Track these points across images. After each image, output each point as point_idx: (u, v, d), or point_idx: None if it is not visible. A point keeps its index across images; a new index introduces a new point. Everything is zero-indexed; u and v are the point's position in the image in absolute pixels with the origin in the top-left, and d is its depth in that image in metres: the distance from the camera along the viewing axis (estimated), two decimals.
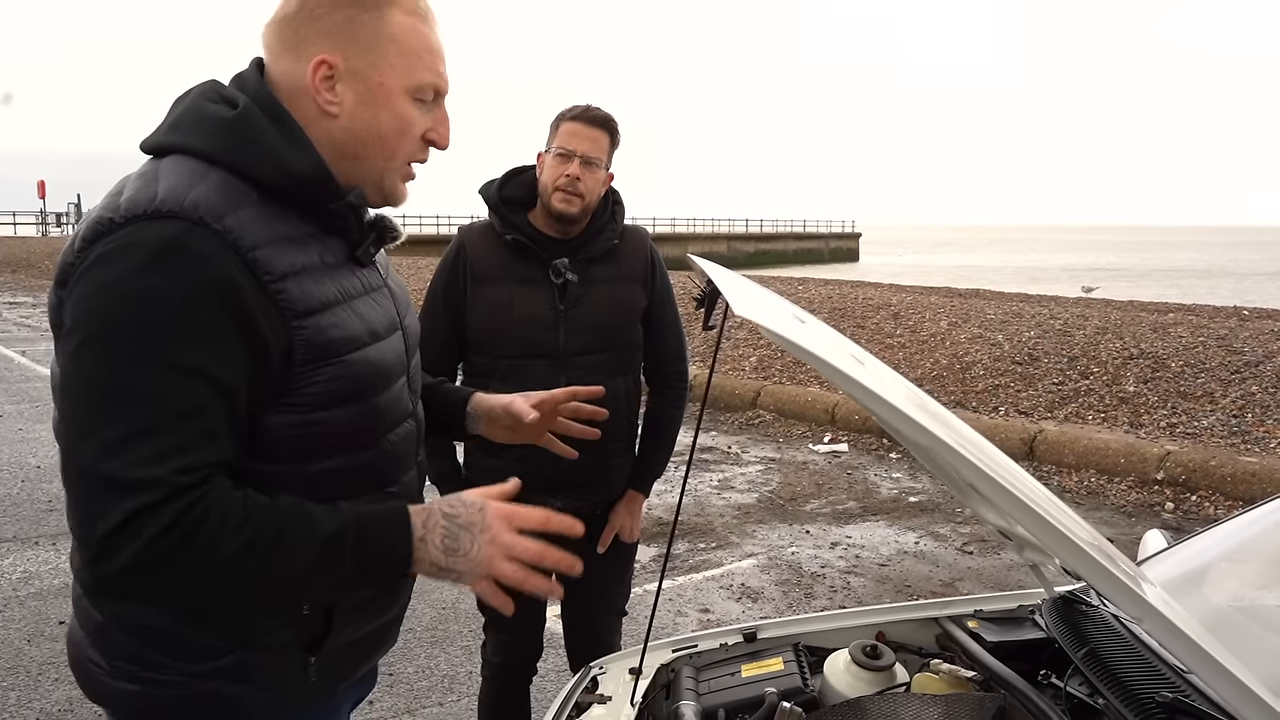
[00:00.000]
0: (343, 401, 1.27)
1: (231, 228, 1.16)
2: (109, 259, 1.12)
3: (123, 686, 1.28)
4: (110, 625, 1.28)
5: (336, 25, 1.24)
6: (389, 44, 1.26)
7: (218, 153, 1.21)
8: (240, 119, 1.23)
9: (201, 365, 1.13)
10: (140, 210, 1.14)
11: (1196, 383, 7.75)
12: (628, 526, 2.52)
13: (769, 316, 1.16)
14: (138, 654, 1.27)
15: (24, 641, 3.93)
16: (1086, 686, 1.58)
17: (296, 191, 1.25)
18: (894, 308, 11.69)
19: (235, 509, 1.13)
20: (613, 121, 2.38)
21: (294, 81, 1.26)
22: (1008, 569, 4.99)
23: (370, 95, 1.27)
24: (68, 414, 1.14)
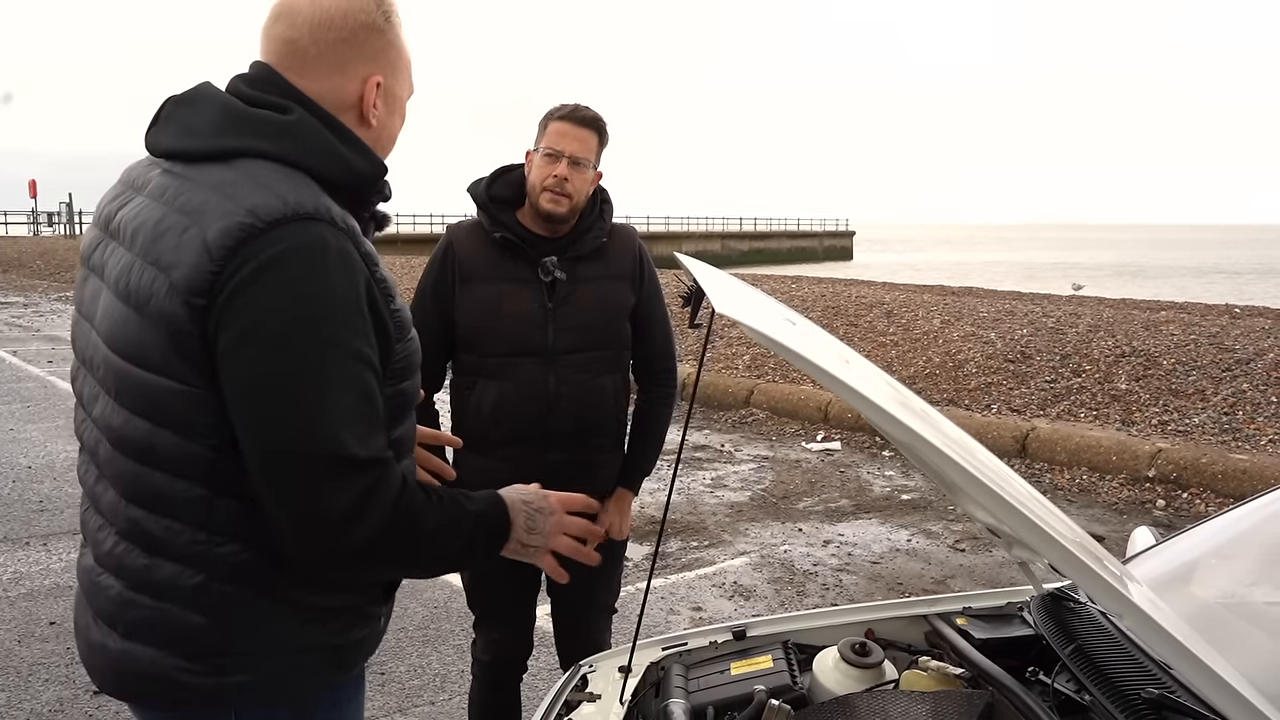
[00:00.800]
0: (410, 374, 1.41)
1: (351, 226, 1.29)
2: (276, 264, 1.20)
3: (224, 681, 1.32)
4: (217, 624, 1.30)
5: (381, 49, 1.39)
6: (403, 60, 1.44)
7: (290, 156, 1.29)
8: (302, 124, 1.32)
9: (367, 354, 1.26)
10: (279, 214, 1.22)
11: (1188, 380, 7.78)
12: (617, 524, 2.52)
13: (752, 315, 1.16)
14: (243, 644, 1.32)
15: (14, 642, 3.92)
16: (1074, 683, 1.59)
17: (356, 187, 1.36)
18: (887, 306, 11.71)
19: (420, 491, 1.31)
20: (601, 121, 2.38)
21: (339, 98, 1.38)
22: (999, 566, 5.00)
23: (395, 105, 1.44)
24: (270, 407, 1.21)
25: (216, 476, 1.26)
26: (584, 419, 2.39)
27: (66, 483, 6.19)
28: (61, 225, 42.68)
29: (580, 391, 2.37)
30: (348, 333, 1.23)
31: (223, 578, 1.30)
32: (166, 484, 1.28)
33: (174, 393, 1.24)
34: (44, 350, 12.13)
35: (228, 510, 1.28)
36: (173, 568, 1.29)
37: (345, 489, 1.21)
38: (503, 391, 2.35)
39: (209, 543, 1.29)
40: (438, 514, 1.31)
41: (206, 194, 1.25)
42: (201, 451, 1.26)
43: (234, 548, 1.29)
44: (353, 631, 1.41)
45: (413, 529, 1.27)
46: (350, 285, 1.24)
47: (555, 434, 2.36)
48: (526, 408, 2.35)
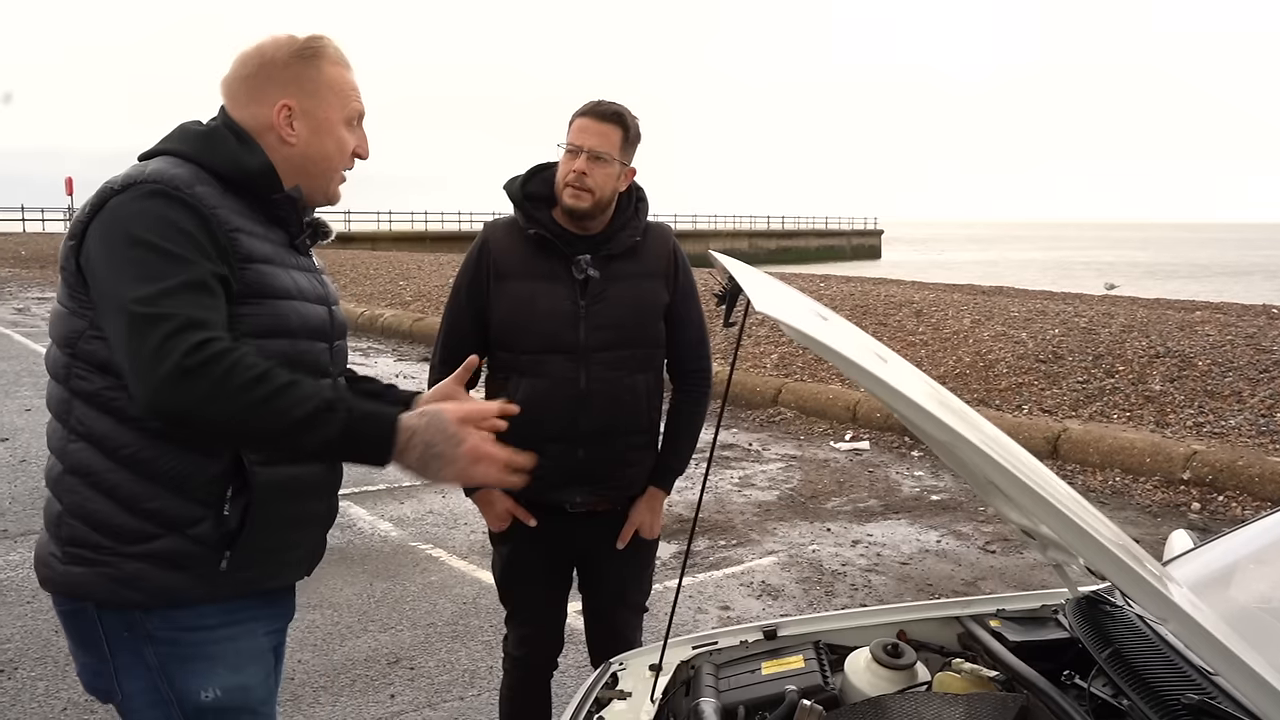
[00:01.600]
0: (272, 335, 1.61)
1: (199, 194, 1.56)
2: (118, 205, 1.52)
3: (70, 570, 1.59)
4: (68, 514, 1.58)
5: (290, 79, 1.68)
6: (326, 89, 1.70)
7: (190, 153, 1.62)
8: (210, 131, 1.67)
9: (192, 259, 1.49)
10: (134, 180, 1.55)
11: (1224, 381, 7.66)
12: (648, 523, 2.52)
13: (791, 313, 1.16)
14: (85, 538, 1.57)
15: (52, 632, 3.98)
16: (1111, 687, 1.57)
17: (247, 183, 1.63)
18: (916, 305, 11.63)
19: (251, 352, 1.46)
20: (624, 115, 2.36)
21: (260, 121, 1.68)
22: (1030, 568, 4.96)
23: (319, 128, 1.70)
24: (111, 293, 1.47)
25: (73, 380, 1.57)
26: (615, 417, 2.39)
27: None
28: None
29: (611, 389, 2.37)
30: (177, 240, 1.49)
31: (72, 471, 1.58)
32: (51, 387, 1.63)
33: (60, 315, 1.60)
34: None
35: (80, 411, 1.57)
36: (50, 460, 1.64)
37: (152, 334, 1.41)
38: (535, 388, 2.35)
39: (65, 438, 1.60)
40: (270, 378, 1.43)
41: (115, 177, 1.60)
42: (64, 358, 1.58)
43: (80, 445, 1.57)
44: (182, 563, 1.58)
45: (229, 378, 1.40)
46: (180, 216, 1.51)
47: (586, 431, 2.37)
48: (557, 405, 2.35)
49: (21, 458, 6.70)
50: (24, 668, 3.69)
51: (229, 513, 1.59)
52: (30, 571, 4.59)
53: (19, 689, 3.53)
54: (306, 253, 1.78)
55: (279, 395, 1.42)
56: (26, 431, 7.44)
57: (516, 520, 2.47)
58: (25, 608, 4.23)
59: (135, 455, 1.55)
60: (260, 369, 1.43)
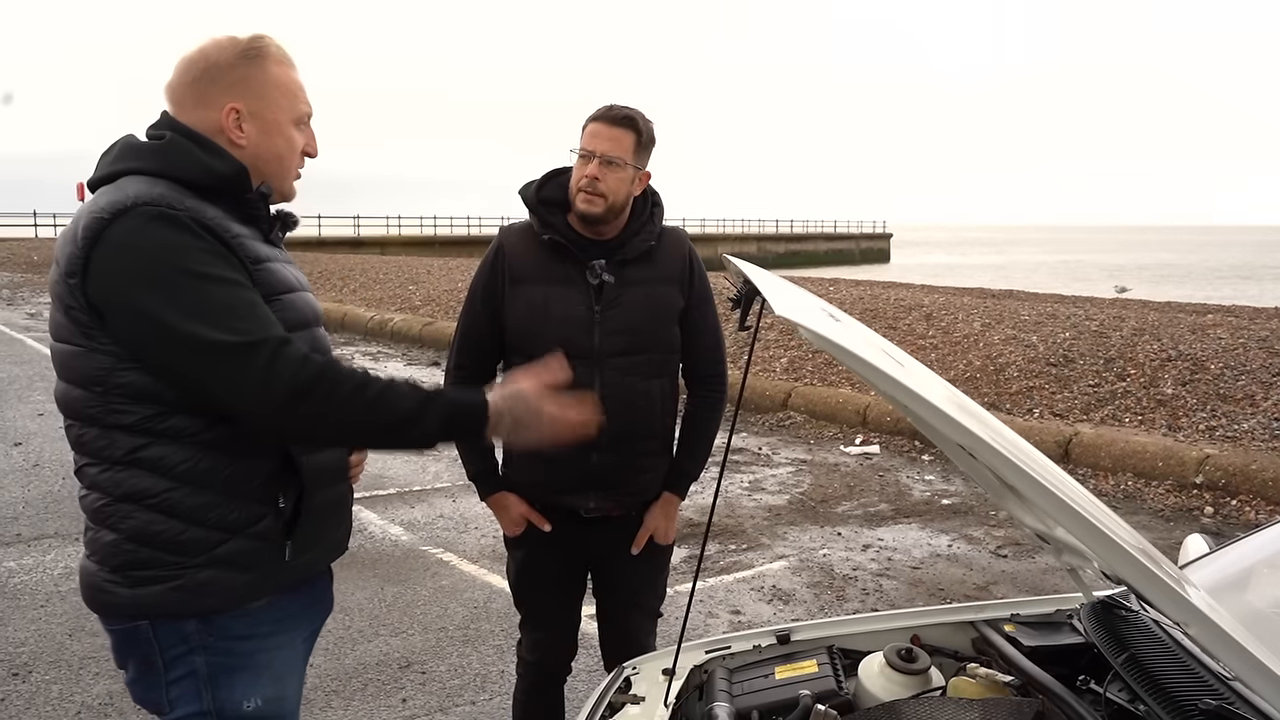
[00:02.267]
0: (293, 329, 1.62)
1: (191, 207, 1.56)
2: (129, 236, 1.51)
3: (138, 592, 1.60)
4: (126, 540, 1.59)
5: (236, 81, 1.67)
6: (274, 89, 1.70)
7: (159, 169, 1.60)
8: (169, 143, 1.63)
9: (234, 278, 1.54)
10: (122, 206, 1.52)
11: (1237, 385, 7.63)
12: (662, 529, 2.52)
13: (809, 316, 1.16)
14: (150, 559, 1.59)
15: (65, 636, 4.00)
16: (1126, 692, 1.56)
17: (221, 187, 1.63)
18: (926, 309, 11.60)
19: (333, 359, 1.57)
20: (636, 120, 2.36)
21: (209, 124, 1.67)
22: (1043, 573, 4.94)
23: (267, 128, 1.70)
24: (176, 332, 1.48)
25: (107, 416, 1.56)
26: (629, 422, 2.38)
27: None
28: None
29: (625, 394, 2.37)
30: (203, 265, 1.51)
31: (122, 499, 1.59)
32: (82, 430, 1.61)
33: (71, 354, 1.58)
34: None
35: (118, 444, 1.57)
36: (92, 496, 1.63)
37: (253, 361, 1.47)
38: None
39: (112, 470, 1.59)
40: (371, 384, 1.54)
41: (88, 204, 1.58)
42: (93, 397, 1.57)
43: (126, 474, 1.58)
44: (247, 562, 1.64)
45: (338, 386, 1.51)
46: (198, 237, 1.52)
47: (599, 436, 2.36)
48: None
49: (35, 462, 6.73)
50: (38, 671, 3.70)
51: (284, 505, 1.67)
52: (43, 575, 4.63)
53: (33, 692, 3.54)
54: (280, 245, 1.81)
55: (383, 397, 1.54)
56: (40, 436, 7.47)
57: (531, 525, 2.47)
58: (39, 611, 4.25)
59: (192, 469, 1.58)
60: (357, 375, 1.54)
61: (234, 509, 1.62)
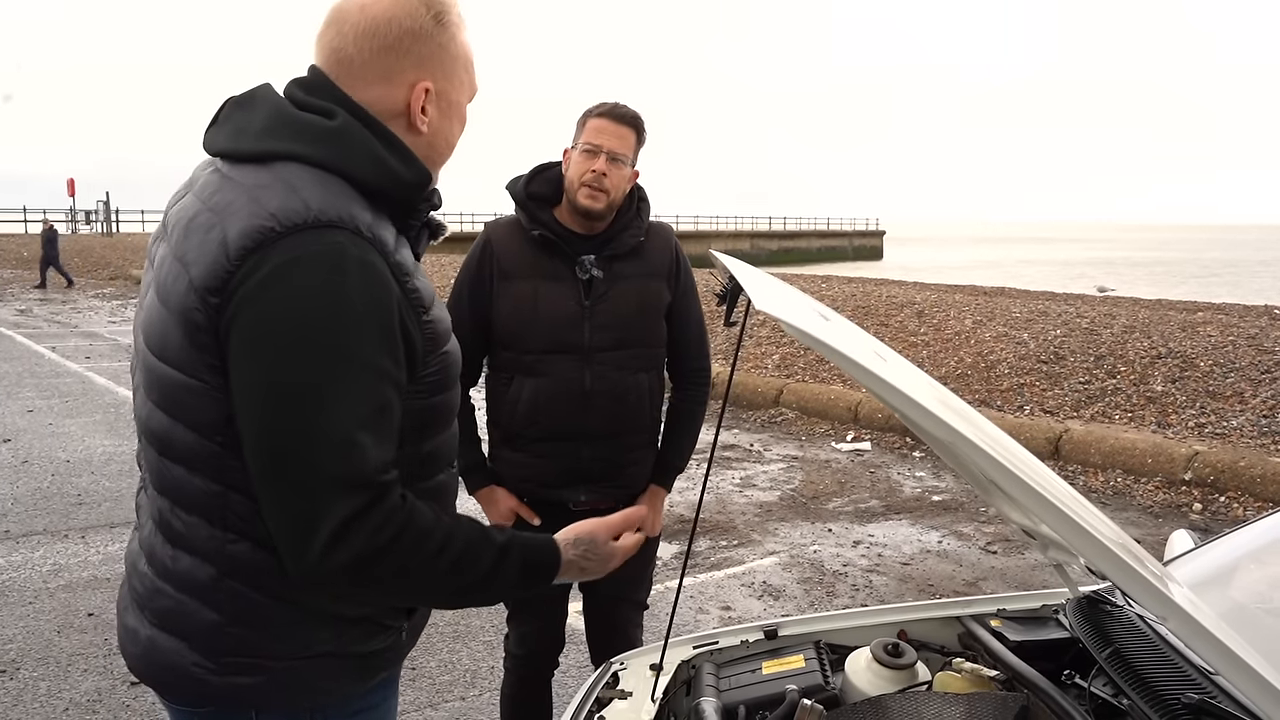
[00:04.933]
0: (449, 386, 1.41)
1: (379, 235, 1.26)
2: (290, 269, 1.18)
3: (235, 681, 1.32)
4: (230, 623, 1.31)
5: (430, 54, 1.36)
6: (459, 64, 1.40)
7: (330, 161, 1.28)
8: (344, 129, 1.30)
9: (386, 367, 1.23)
10: (300, 220, 1.20)
11: (1226, 382, 7.66)
12: (650, 521, 2.52)
13: (791, 312, 1.16)
14: (260, 646, 1.32)
15: (54, 633, 3.99)
16: (1111, 687, 1.57)
17: (400, 196, 1.34)
18: (918, 306, 11.63)
19: (429, 514, 1.26)
20: (639, 119, 2.39)
21: (388, 105, 1.35)
22: (1031, 569, 4.96)
23: (449, 110, 1.41)
24: (273, 417, 1.19)
25: (227, 473, 1.26)
26: (618, 416, 2.39)
27: (104, 476, 6.30)
28: (99, 223, 43.32)
29: (615, 388, 2.38)
30: (362, 344, 1.20)
31: (234, 575, 1.30)
32: (184, 477, 1.29)
33: (188, 388, 1.25)
34: (82, 346, 12.34)
35: (241, 507, 1.27)
36: (190, 560, 1.31)
37: (335, 507, 1.17)
38: (538, 388, 2.36)
39: (222, 539, 1.29)
40: (449, 544, 1.26)
41: (237, 194, 1.25)
42: (213, 448, 1.26)
43: (245, 546, 1.29)
44: (371, 641, 1.40)
45: (413, 555, 1.22)
46: (370, 296, 1.21)
47: (589, 430, 2.37)
48: (561, 404, 2.36)
49: (24, 459, 6.71)
50: (26, 668, 3.69)
51: None
52: (32, 572, 4.61)
53: (21, 689, 3.53)
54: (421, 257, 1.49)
55: (461, 559, 1.27)
56: (28, 433, 7.45)
57: (519, 519, 2.47)
58: (27, 608, 4.24)
59: None
60: (440, 533, 1.25)
61: None
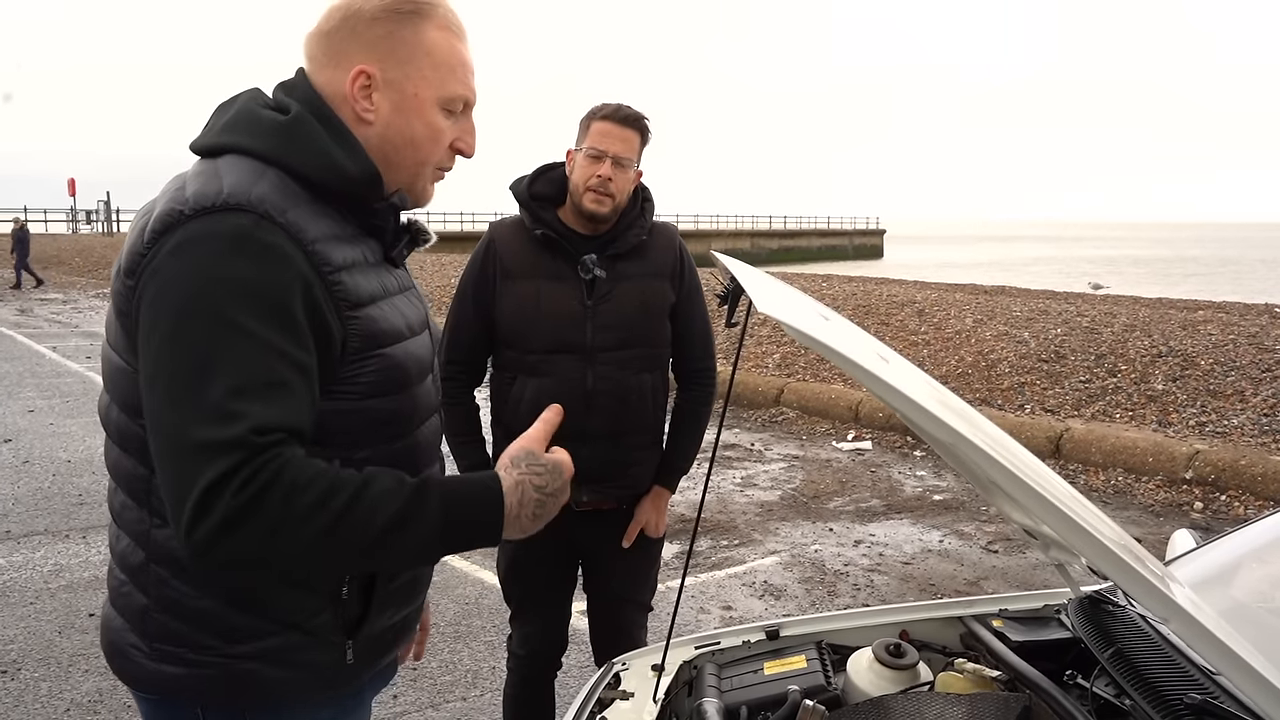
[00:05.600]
0: (387, 391, 1.34)
1: (293, 221, 1.23)
2: (187, 247, 1.18)
3: (163, 669, 1.31)
4: (156, 609, 1.30)
5: (377, 39, 1.32)
6: (424, 57, 1.34)
7: (272, 153, 1.28)
8: (293, 123, 1.30)
9: (279, 344, 1.18)
10: (209, 203, 1.20)
11: (1226, 381, 7.66)
12: (653, 522, 2.53)
13: (792, 314, 1.16)
14: (183, 636, 1.30)
15: (55, 633, 3.99)
16: (1113, 687, 1.57)
17: (346, 191, 1.32)
18: (919, 305, 11.63)
19: (309, 467, 1.15)
20: (643, 120, 2.39)
21: (335, 90, 1.34)
22: (1033, 568, 4.95)
23: (405, 104, 1.34)
24: (158, 392, 1.16)
25: (149, 457, 1.21)
26: (621, 416, 2.40)
27: (105, 476, 6.23)
28: (99, 223, 43.34)
29: (617, 389, 2.38)
30: (250, 319, 1.16)
31: (158, 561, 1.29)
32: (120, 458, 1.31)
33: (121, 370, 1.27)
34: (82, 346, 12.34)
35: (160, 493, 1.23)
36: (126, 543, 1.33)
37: (203, 473, 1.10)
38: (541, 387, 2.36)
39: (148, 523, 1.30)
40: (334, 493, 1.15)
41: (174, 184, 1.27)
42: (137, 430, 1.25)
43: (167, 532, 1.26)
44: (303, 653, 1.33)
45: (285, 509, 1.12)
46: (265, 275, 1.18)
47: (592, 430, 2.37)
48: (564, 404, 2.35)
49: (25, 459, 6.71)
50: (27, 668, 3.69)
51: (347, 596, 1.34)
52: (33, 572, 4.61)
53: (22, 689, 3.53)
54: (402, 265, 1.46)
55: (354, 509, 1.15)
56: (29, 433, 7.45)
57: None
58: (29, 608, 4.24)
59: None
60: (324, 483, 1.14)
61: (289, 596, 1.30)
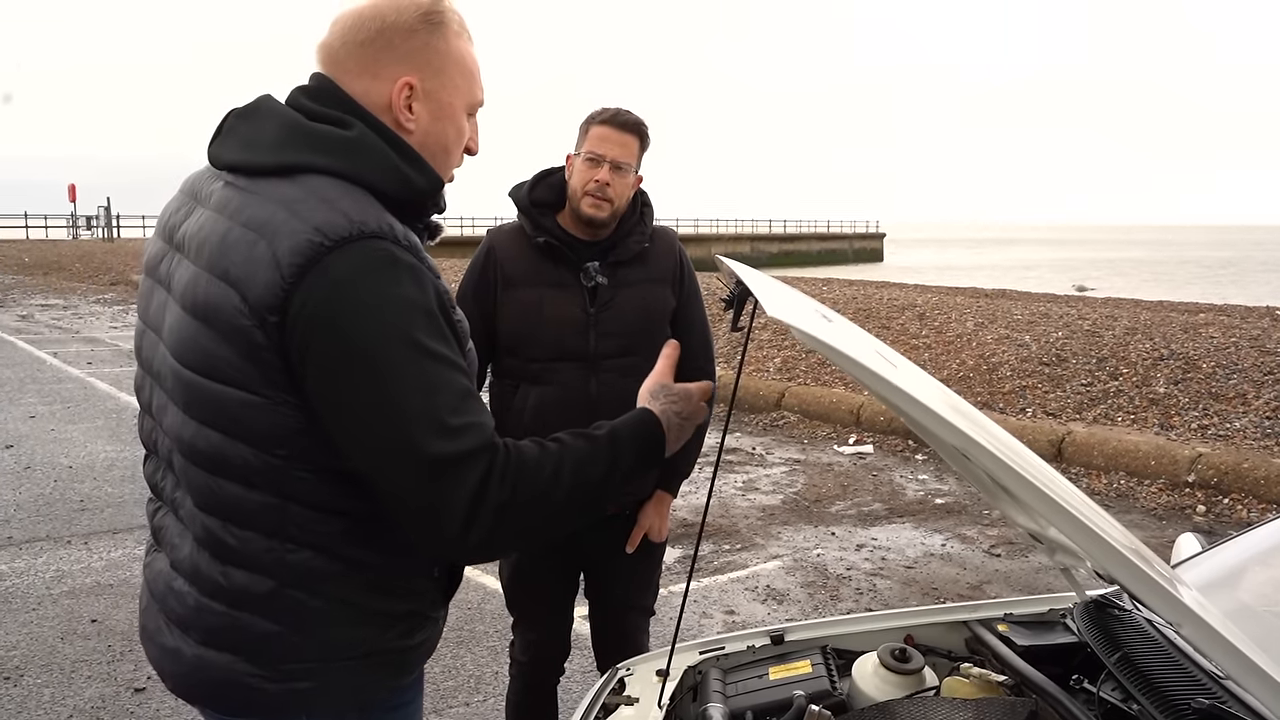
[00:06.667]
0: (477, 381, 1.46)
1: (414, 242, 1.30)
2: (352, 283, 1.22)
3: (295, 686, 1.35)
4: (291, 632, 1.33)
5: (414, 50, 1.37)
6: (453, 66, 1.41)
7: (353, 171, 1.31)
8: (362, 140, 1.33)
9: (456, 358, 1.29)
10: (345, 233, 1.23)
11: (1229, 384, 7.65)
12: (656, 526, 2.52)
13: (801, 318, 1.16)
14: (314, 650, 1.34)
15: (57, 639, 3.99)
16: (1120, 692, 1.56)
17: (415, 202, 1.37)
18: (919, 308, 11.62)
19: (529, 450, 1.31)
20: (643, 125, 2.38)
21: (375, 100, 1.37)
22: (1036, 572, 4.95)
23: (441, 112, 1.41)
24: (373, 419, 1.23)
25: (287, 485, 1.28)
26: None
27: (106, 482, 6.29)
28: (99, 229, 43.36)
29: (621, 396, 2.36)
30: (431, 339, 1.26)
31: (295, 585, 1.32)
32: (240, 494, 1.30)
33: (246, 404, 1.26)
34: (83, 352, 12.33)
35: (300, 517, 1.30)
36: (245, 576, 1.32)
37: (457, 492, 1.22)
38: (544, 396, 2.35)
39: (281, 550, 1.31)
40: (561, 469, 1.31)
41: (273, 209, 1.27)
42: (274, 461, 1.28)
43: (306, 555, 1.31)
44: (415, 635, 1.44)
45: (537, 497, 1.28)
46: (424, 295, 1.27)
47: None
48: (567, 412, 2.35)
49: (26, 464, 6.70)
50: (30, 674, 3.69)
51: (439, 572, 1.48)
52: (35, 578, 4.61)
53: (25, 696, 3.53)
54: None
55: (580, 474, 1.33)
56: (31, 439, 7.45)
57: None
58: (30, 614, 4.23)
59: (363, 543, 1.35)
60: (550, 463, 1.31)
61: (402, 585, 1.40)
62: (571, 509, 1.34)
